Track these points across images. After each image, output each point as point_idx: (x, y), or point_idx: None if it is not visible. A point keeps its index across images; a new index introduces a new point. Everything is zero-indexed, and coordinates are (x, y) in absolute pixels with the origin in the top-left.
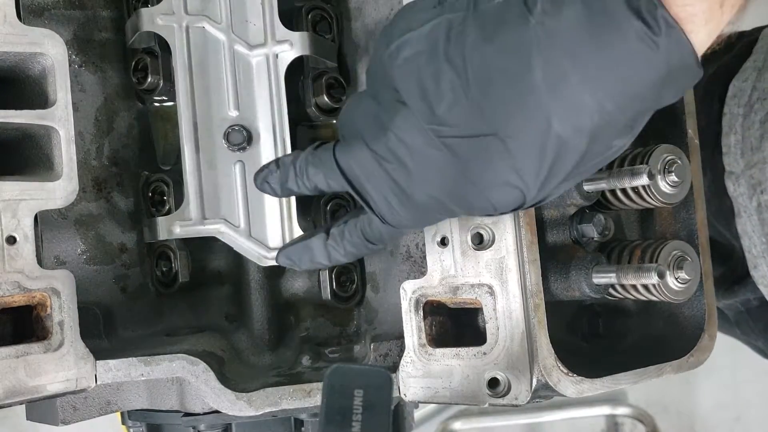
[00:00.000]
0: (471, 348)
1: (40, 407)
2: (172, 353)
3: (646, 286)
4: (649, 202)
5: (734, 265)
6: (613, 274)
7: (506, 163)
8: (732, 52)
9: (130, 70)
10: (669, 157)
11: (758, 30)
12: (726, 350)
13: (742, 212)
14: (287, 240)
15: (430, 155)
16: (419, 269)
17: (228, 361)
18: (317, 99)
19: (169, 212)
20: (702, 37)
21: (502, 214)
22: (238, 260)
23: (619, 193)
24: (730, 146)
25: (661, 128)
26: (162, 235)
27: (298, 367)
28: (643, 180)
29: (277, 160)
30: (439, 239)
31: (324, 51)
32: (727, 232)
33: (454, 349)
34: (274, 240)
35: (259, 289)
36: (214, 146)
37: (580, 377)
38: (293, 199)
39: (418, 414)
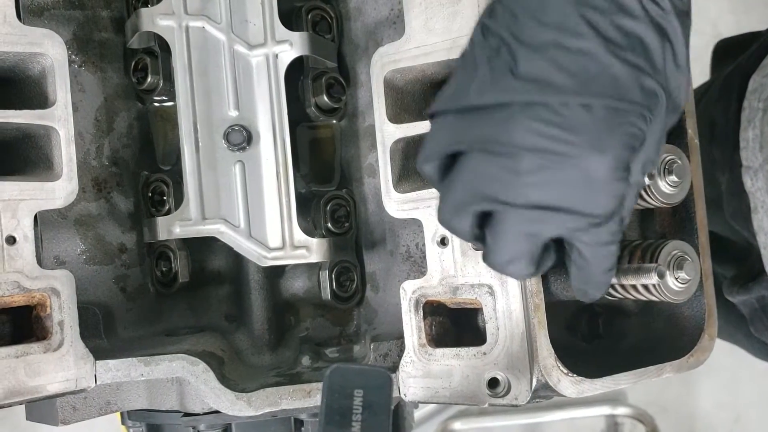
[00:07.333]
0: (471, 348)
1: (40, 407)
2: (172, 353)
3: (646, 287)
4: (649, 202)
5: (752, 264)
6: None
7: None
8: (749, 50)
9: (130, 70)
10: (669, 157)
11: None
12: (726, 351)
13: (759, 208)
14: (287, 240)
15: None
16: (419, 269)
17: (228, 361)
18: (317, 99)
19: (168, 212)
20: None
21: None
22: (237, 260)
23: None
24: (749, 141)
25: None
26: (162, 235)
27: (298, 367)
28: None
29: None
30: (439, 239)
31: (324, 51)
32: (746, 232)
33: (454, 349)
34: (274, 240)
35: (258, 289)
36: (214, 146)
37: (579, 377)
38: (293, 199)
39: (417, 414)
